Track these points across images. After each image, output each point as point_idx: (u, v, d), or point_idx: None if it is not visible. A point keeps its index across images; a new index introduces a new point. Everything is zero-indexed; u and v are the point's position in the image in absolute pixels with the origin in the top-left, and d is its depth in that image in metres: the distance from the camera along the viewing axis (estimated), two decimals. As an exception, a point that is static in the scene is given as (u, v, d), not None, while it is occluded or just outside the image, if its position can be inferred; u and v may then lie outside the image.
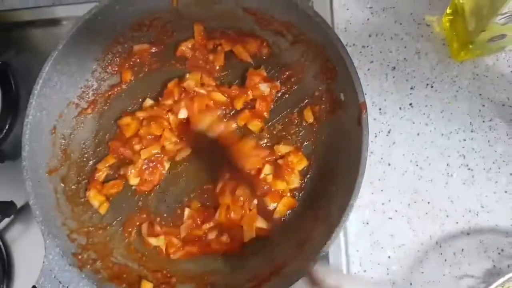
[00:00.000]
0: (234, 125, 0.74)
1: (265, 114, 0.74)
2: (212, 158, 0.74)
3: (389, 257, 0.70)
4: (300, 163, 0.71)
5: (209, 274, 0.70)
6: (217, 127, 0.73)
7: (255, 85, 0.73)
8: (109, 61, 0.75)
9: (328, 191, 0.67)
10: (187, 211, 0.72)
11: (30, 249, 0.77)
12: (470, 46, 0.69)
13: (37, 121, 0.67)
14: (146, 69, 0.77)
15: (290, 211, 0.71)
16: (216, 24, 0.74)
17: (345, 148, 0.66)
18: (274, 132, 0.74)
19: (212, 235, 0.71)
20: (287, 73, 0.74)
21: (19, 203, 0.78)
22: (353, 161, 0.62)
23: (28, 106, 0.67)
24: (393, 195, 0.72)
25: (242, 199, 0.70)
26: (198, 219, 0.72)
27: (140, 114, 0.74)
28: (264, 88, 0.73)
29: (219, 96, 0.73)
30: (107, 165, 0.74)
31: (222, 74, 0.76)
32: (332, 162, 0.69)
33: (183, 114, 0.73)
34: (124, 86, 0.77)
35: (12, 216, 0.78)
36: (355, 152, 0.62)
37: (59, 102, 0.71)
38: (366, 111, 0.62)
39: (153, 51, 0.76)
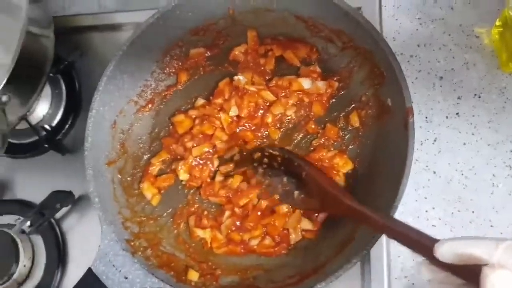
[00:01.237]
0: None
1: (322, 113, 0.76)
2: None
3: (431, 263, 0.70)
4: (345, 165, 0.73)
5: (253, 268, 0.73)
6: None
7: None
8: (167, 62, 0.80)
9: (372, 194, 0.69)
10: (227, 212, 0.75)
11: (84, 237, 0.83)
12: (520, 57, 0.69)
13: (100, 116, 0.72)
14: (201, 71, 0.81)
15: (334, 212, 0.73)
16: (269, 30, 0.77)
17: (391, 152, 0.68)
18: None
19: (255, 242, 0.73)
20: (335, 78, 0.76)
21: (76, 194, 0.84)
22: (398, 164, 0.64)
23: (92, 101, 0.71)
24: (437, 203, 0.72)
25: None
26: (237, 220, 0.74)
27: (193, 113, 0.78)
28: (321, 85, 0.75)
29: (268, 95, 0.76)
30: (160, 159, 0.78)
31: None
32: (377, 166, 0.71)
33: (233, 111, 0.76)
34: (179, 87, 0.81)
35: (69, 206, 0.83)
36: (401, 155, 0.64)
37: (120, 99, 0.76)
38: (413, 115, 0.64)
39: (208, 54, 0.80)
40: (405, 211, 0.72)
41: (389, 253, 0.72)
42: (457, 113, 0.75)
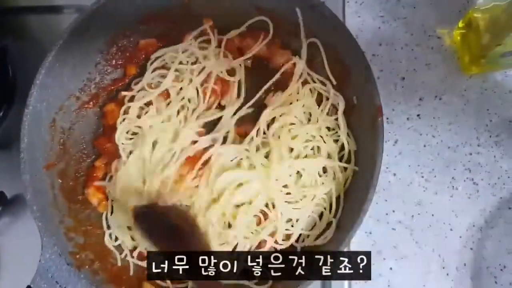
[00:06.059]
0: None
1: None
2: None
3: (391, 268, 0.69)
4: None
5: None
6: None
7: None
8: (113, 54, 0.72)
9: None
10: None
11: (20, 247, 0.73)
12: (483, 60, 0.69)
13: (37, 113, 0.64)
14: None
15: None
16: (227, 21, 0.71)
17: (358, 152, 0.66)
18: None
19: None
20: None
21: (9, 194, 0.74)
22: (366, 165, 0.62)
23: (28, 96, 0.63)
24: (397, 206, 0.71)
25: None
26: None
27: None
28: None
29: None
30: (105, 162, 0.71)
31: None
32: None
33: None
34: (127, 81, 0.74)
35: (0, 208, 0.74)
36: (368, 155, 0.62)
37: (60, 94, 0.68)
38: (382, 114, 0.61)
39: (160, 46, 0.73)
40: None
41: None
42: (418, 115, 0.74)
